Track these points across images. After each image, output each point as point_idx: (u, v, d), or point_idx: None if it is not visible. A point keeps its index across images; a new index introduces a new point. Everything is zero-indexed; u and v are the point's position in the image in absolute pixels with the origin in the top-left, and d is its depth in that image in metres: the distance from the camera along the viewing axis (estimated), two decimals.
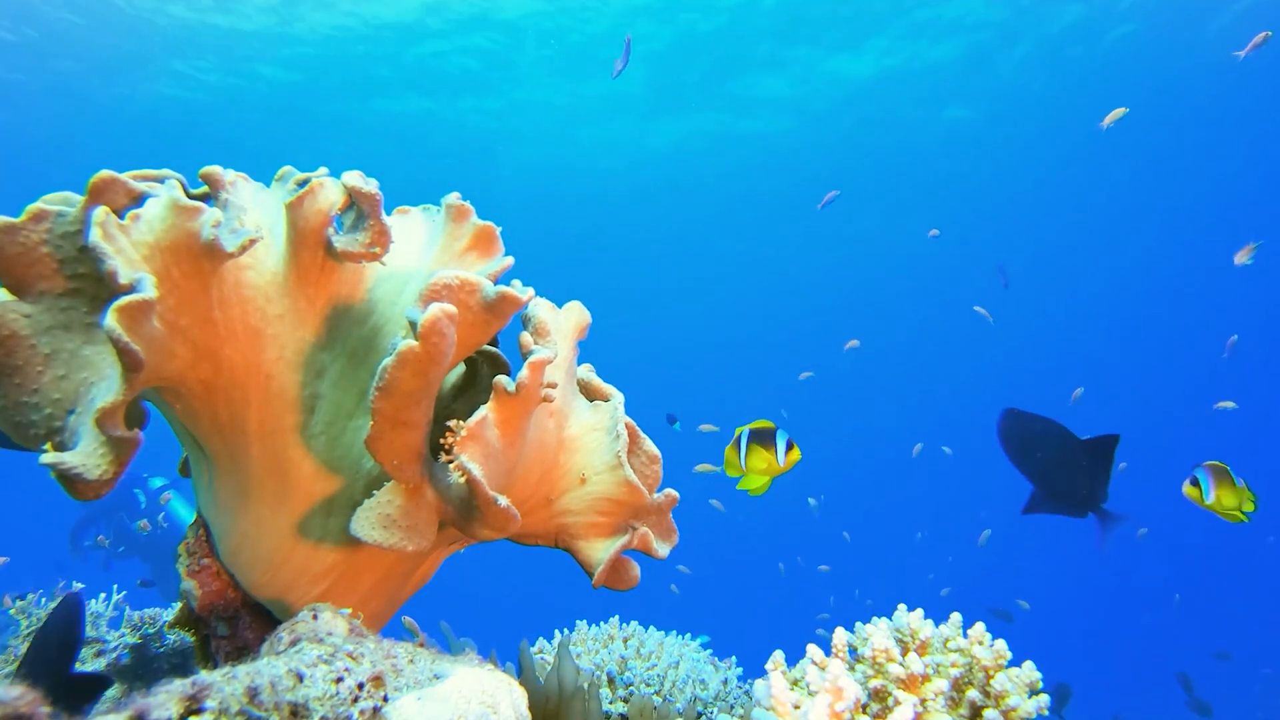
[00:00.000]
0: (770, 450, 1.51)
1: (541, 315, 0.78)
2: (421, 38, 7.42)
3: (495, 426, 0.68)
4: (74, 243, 0.68)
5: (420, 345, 0.61)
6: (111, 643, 1.57)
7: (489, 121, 9.04)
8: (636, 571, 0.86)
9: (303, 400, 0.74)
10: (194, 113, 8.31)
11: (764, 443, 1.52)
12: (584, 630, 1.36)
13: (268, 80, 7.93)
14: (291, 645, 0.62)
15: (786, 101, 8.72)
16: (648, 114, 9.02)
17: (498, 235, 0.82)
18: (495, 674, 0.60)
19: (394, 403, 0.62)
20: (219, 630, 0.78)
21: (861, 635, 0.82)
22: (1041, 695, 0.71)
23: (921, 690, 0.71)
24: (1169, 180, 10.06)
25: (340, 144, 9.31)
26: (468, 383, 0.90)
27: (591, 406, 0.86)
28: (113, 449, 0.59)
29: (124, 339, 0.56)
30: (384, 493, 0.67)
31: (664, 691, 1.21)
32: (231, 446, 0.74)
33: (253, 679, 0.49)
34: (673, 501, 0.85)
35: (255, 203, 0.75)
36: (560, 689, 0.92)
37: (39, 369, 0.67)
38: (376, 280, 0.80)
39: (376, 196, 0.71)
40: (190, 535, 0.80)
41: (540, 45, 7.45)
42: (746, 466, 1.53)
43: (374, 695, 0.53)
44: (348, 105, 8.57)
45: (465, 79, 8.20)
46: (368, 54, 7.60)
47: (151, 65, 7.46)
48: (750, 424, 1.55)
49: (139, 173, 0.71)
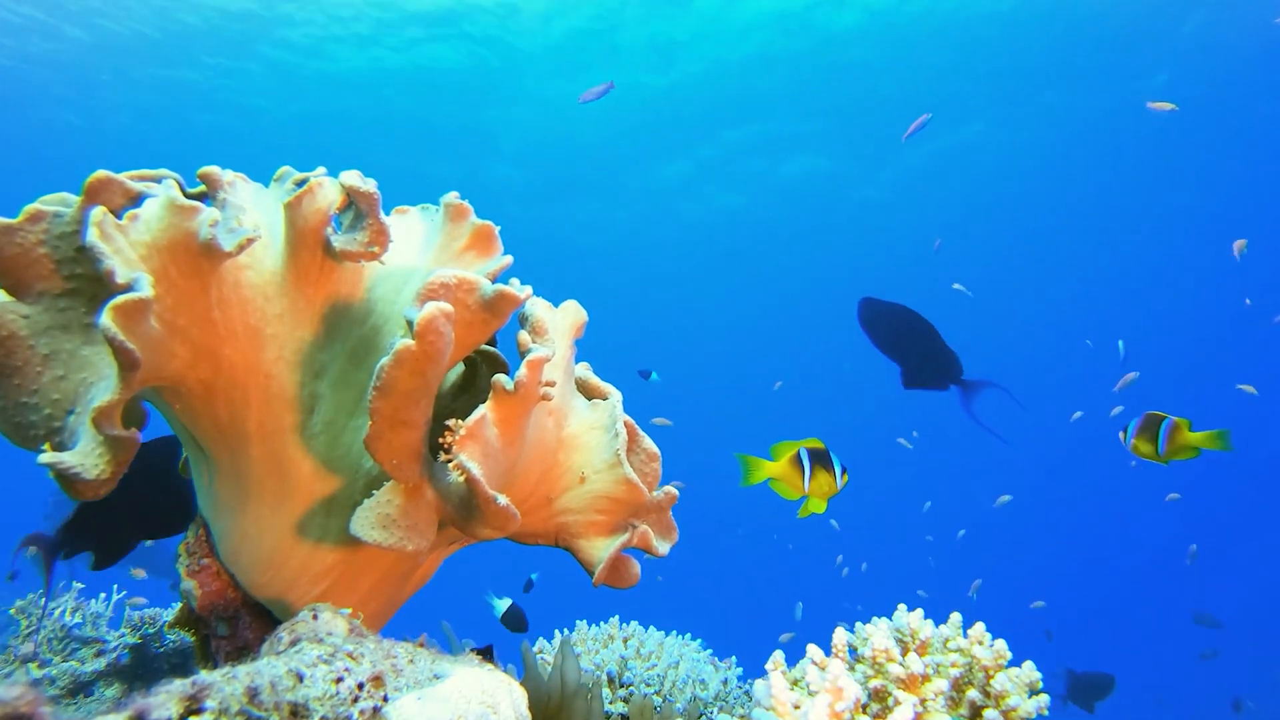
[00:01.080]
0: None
1: (539, 314, 0.78)
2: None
3: (494, 425, 0.68)
4: (71, 243, 0.68)
5: (417, 344, 0.61)
6: (111, 643, 1.57)
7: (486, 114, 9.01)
8: (637, 570, 0.86)
9: (302, 400, 0.74)
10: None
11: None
12: (584, 630, 1.36)
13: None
14: (291, 645, 0.62)
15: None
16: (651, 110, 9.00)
17: (496, 234, 0.82)
18: (495, 674, 0.60)
19: (392, 402, 0.62)
20: (219, 630, 0.78)
21: (861, 635, 0.82)
22: (1042, 695, 0.71)
23: (921, 690, 0.71)
24: (1167, 175, 10.06)
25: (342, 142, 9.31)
26: (467, 382, 0.89)
27: (590, 405, 0.86)
28: (111, 449, 0.59)
29: (119, 338, 0.56)
30: (383, 492, 0.67)
31: (664, 692, 1.21)
32: (231, 446, 0.74)
33: (253, 679, 0.49)
34: (672, 499, 0.85)
35: (254, 202, 0.75)
36: (563, 687, 0.92)
37: (38, 369, 0.67)
38: (375, 280, 0.80)
39: (375, 196, 0.71)
40: (190, 535, 0.80)
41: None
42: (810, 490, 1.45)
43: (374, 695, 0.53)
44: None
45: (458, 74, 8.16)
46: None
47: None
48: (802, 442, 1.48)
49: (136, 173, 0.71)
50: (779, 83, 8.45)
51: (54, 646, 1.53)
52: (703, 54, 8.01)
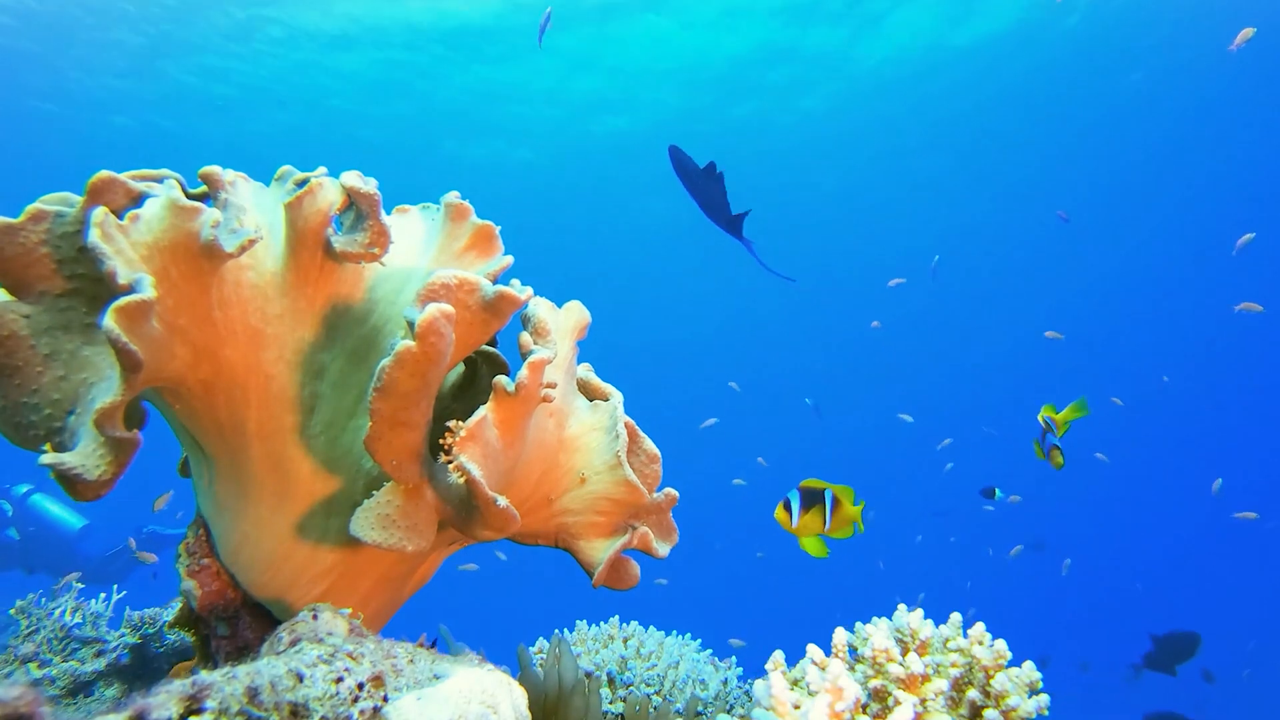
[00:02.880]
0: (819, 512, 1.42)
1: (541, 315, 0.78)
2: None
3: (495, 426, 0.68)
4: (73, 243, 0.68)
5: (418, 345, 0.61)
6: (111, 643, 1.57)
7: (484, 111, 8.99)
8: (636, 571, 0.86)
9: (302, 400, 0.74)
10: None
11: (817, 503, 1.43)
12: (584, 630, 1.35)
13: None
14: (291, 645, 0.62)
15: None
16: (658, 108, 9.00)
17: (497, 234, 0.82)
18: (495, 674, 0.60)
19: (392, 403, 0.62)
20: (219, 630, 0.78)
21: (861, 635, 0.82)
22: (1042, 695, 0.71)
23: (921, 690, 0.71)
24: (1163, 170, 10.07)
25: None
26: (467, 383, 0.90)
27: (591, 406, 0.86)
28: (112, 449, 0.59)
29: (122, 339, 0.56)
30: (383, 493, 0.67)
31: (664, 692, 1.21)
32: (231, 447, 0.74)
33: (253, 679, 0.49)
34: (672, 501, 0.85)
35: (254, 203, 0.75)
36: (560, 683, 0.92)
37: (38, 369, 0.67)
38: (376, 280, 0.80)
39: (375, 196, 0.71)
40: (190, 535, 0.80)
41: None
42: (800, 528, 1.43)
43: (374, 695, 0.53)
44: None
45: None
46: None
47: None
48: (803, 483, 1.45)
49: (137, 173, 0.71)
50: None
51: (54, 646, 1.53)
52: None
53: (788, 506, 1.45)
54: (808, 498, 1.45)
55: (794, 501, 1.44)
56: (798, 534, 1.45)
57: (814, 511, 1.43)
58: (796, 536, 1.46)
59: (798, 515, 1.43)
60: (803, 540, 1.46)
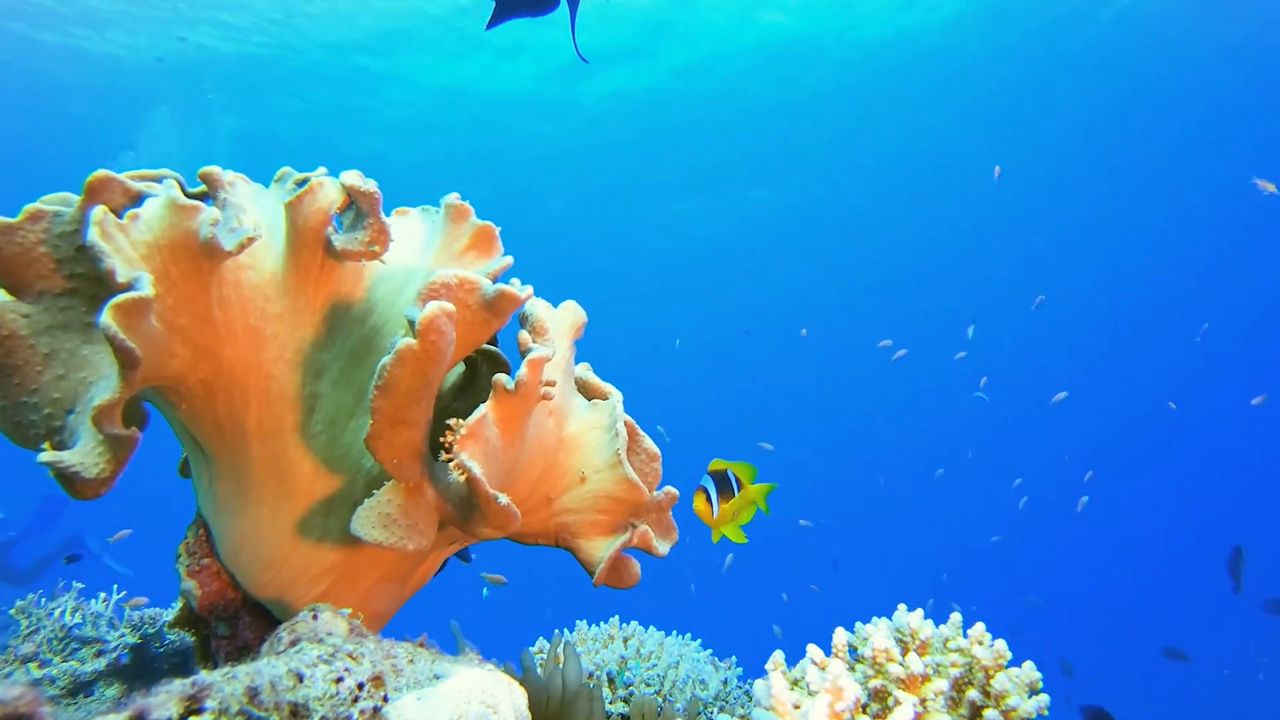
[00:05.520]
0: (726, 497, 1.25)
1: (539, 313, 0.78)
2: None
3: (495, 425, 0.68)
4: (72, 242, 0.68)
5: (419, 343, 0.61)
6: (111, 643, 1.57)
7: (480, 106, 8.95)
8: (637, 569, 0.86)
9: (302, 400, 0.74)
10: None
11: (723, 488, 1.27)
12: (584, 630, 1.35)
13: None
14: (291, 645, 0.62)
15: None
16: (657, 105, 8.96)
17: (497, 235, 0.82)
18: (495, 674, 0.60)
19: (393, 401, 0.62)
20: (219, 630, 0.78)
21: (861, 635, 0.81)
22: (1041, 695, 0.71)
23: (921, 690, 0.71)
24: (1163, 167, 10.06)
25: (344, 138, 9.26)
26: (468, 382, 0.89)
27: (590, 405, 0.86)
28: (111, 447, 0.59)
29: (120, 336, 0.56)
30: (384, 492, 0.67)
31: (664, 691, 1.21)
32: (231, 447, 0.74)
33: (253, 679, 0.49)
34: (672, 499, 0.85)
35: (254, 202, 0.75)
36: (564, 687, 0.92)
37: (38, 369, 0.67)
38: (376, 280, 0.80)
39: (375, 195, 0.71)
40: (190, 535, 0.80)
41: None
42: (717, 518, 1.25)
43: (374, 695, 0.53)
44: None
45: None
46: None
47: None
48: (710, 464, 1.29)
49: (136, 172, 0.71)
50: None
51: (54, 646, 1.53)
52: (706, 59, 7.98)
53: (708, 496, 1.26)
54: (720, 482, 1.27)
55: (710, 489, 1.26)
56: (715, 525, 1.27)
57: (723, 496, 1.25)
58: (711, 528, 1.28)
59: (717, 504, 1.22)
60: (722, 529, 1.28)
